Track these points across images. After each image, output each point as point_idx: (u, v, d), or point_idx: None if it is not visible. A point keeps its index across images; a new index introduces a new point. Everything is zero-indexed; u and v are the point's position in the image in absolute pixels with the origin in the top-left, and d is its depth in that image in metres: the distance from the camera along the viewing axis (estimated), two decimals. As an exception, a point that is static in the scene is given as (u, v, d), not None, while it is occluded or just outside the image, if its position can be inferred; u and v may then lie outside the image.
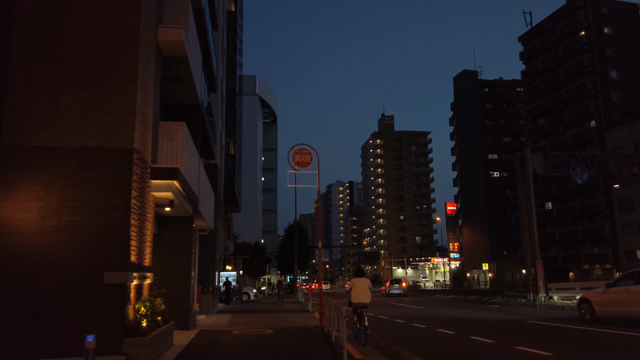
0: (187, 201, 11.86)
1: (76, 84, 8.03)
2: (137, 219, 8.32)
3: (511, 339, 11.06)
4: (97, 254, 7.60)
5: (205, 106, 16.50)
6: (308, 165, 12.85)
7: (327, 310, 12.46)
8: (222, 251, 30.79)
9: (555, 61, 63.12)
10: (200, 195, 13.77)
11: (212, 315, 18.75)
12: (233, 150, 34.14)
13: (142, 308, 7.97)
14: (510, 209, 72.95)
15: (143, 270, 8.77)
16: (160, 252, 12.81)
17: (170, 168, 9.40)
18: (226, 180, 32.58)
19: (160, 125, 10.40)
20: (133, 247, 8.01)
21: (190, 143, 11.41)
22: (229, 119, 33.87)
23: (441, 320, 16.19)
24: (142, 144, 8.67)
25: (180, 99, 13.04)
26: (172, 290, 12.67)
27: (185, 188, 10.39)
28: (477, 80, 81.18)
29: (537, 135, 66.35)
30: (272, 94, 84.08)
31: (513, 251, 72.93)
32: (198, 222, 16.33)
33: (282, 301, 28.52)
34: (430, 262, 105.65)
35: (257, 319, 17.15)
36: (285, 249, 63.79)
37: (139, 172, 8.36)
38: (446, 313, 19.37)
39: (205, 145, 16.94)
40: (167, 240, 12.91)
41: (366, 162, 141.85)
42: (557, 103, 62.32)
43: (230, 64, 34.71)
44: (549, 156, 23.52)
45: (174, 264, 12.84)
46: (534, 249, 21.91)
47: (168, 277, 12.71)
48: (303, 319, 16.74)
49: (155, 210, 12.01)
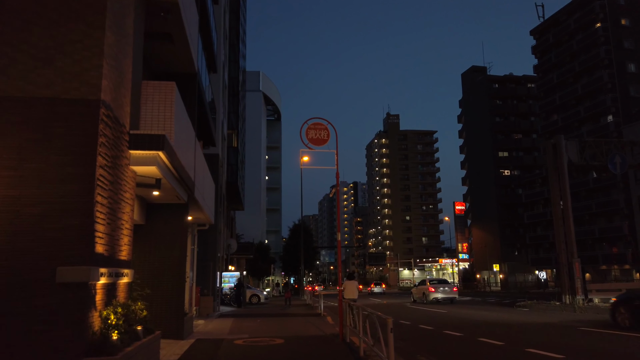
0: (179, 184, 9.80)
1: (19, 10, 5.98)
2: (108, 197, 6.25)
3: (581, 354, 8.93)
4: (48, 242, 5.53)
5: (205, 85, 14.46)
6: (324, 142, 10.78)
7: (348, 316, 10.37)
8: (225, 250, 28.72)
9: (569, 54, 60.87)
10: (197, 181, 11.72)
11: (212, 320, 16.68)
12: (236, 144, 32.11)
13: (111, 315, 5.89)
14: (522, 208, 70.67)
15: (116, 265, 6.69)
16: (149, 246, 10.75)
17: (154, 135, 7.33)
18: (229, 175, 30.57)
19: (144, 85, 8.35)
20: (100, 234, 5.95)
21: (182, 110, 9.34)
22: (231, 110, 31.87)
23: (474, 325, 14.06)
24: (115, 99, 6.60)
25: (172, 64, 10.99)
26: (162, 292, 10.62)
27: (175, 165, 8.33)
28: (486, 76, 78.93)
29: (551, 132, 63.94)
30: (276, 91, 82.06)
31: (525, 252, 70.64)
32: (196, 215, 14.27)
33: (289, 304, 26.42)
34: (437, 263, 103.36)
35: (262, 324, 15.07)
36: (290, 249, 61.72)
37: (109, 135, 6.30)
38: (476, 316, 17.24)
39: (204, 127, 14.89)
40: (157, 232, 10.84)
41: (371, 162, 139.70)
42: (572, 98, 60.06)
43: (232, 52, 32.72)
44: (585, 144, 21.37)
45: (165, 261, 10.77)
46: (570, 247, 19.78)
47: (158, 277, 10.65)
48: (315, 325, 14.65)
49: (141, 195, 9.94)
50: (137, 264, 10.54)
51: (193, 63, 11.11)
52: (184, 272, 11.03)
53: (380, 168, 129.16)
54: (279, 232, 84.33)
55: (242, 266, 40.80)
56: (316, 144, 10.73)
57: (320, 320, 16.36)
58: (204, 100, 13.08)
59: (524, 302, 22.74)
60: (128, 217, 7.36)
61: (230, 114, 31.53)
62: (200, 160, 12.85)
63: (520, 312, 19.15)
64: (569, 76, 60.75)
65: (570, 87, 60.58)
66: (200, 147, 14.24)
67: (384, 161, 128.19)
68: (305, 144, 10.67)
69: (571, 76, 60.41)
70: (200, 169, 12.59)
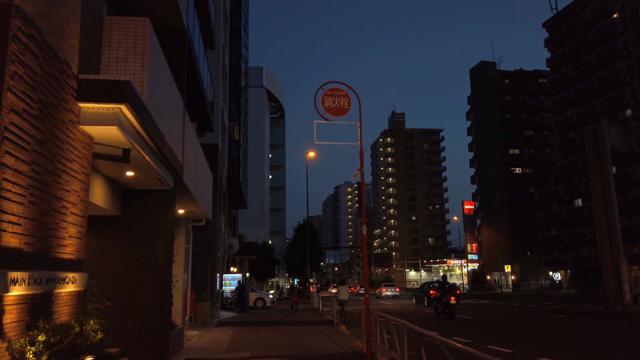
0: (161, 162, 7.61)
1: None
2: (32, 163, 4.07)
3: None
4: None
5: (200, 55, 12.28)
6: (344, 112, 8.58)
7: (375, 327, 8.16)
8: (226, 250, 26.55)
9: (584, 47, 58.48)
10: (187, 164, 9.55)
11: (209, 330, 14.48)
12: (238, 136, 29.94)
13: (28, 348, 3.69)
14: (534, 207, 68.25)
15: (51, 268, 4.51)
16: (124, 243, 8.57)
17: (114, 81, 5.15)
18: (230, 170, 28.41)
19: (107, 22, 6.15)
20: (14, 218, 3.76)
21: (160, 61, 7.15)
22: (232, 100, 29.72)
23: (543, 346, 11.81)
24: (50, 19, 4.42)
25: (155, 16, 8.79)
26: (141, 301, 8.43)
27: (150, 131, 6.15)
28: (496, 72, 76.53)
29: (565, 127, 61.74)
30: (280, 87, 79.92)
31: (537, 252, 68.18)
32: (189, 207, 12.10)
33: (295, 308, 24.19)
34: (445, 264, 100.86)
35: (268, 336, 12.86)
36: (295, 249, 59.55)
37: (35, 68, 4.11)
38: (533, 333, 14.99)
39: (197, 104, 12.69)
40: (135, 226, 8.67)
41: (376, 162, 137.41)
42: (588, 92, 57.66)
43: (233, 39, 30.58)
44: (629, 129, 19.07)
45: (145, 262, 8.59)
46: (616, 244, 17.48)
47: (136, 282, 8.46)
48: (329, 336, 12.44)
49: (113, 177, 7.76)
50: (107, 266, 8.38)
51: (180, 15, 8.92)
52: (169, 274, 8.83)
53: (385, 167, 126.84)
54: (282, 232, 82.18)
55: (244, 268, 38.61)
56: (335, 114, 8.53)
57: (333, 330, 14.16)
58: (195, 67, 10.90)
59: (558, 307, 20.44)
60: (77, 198, 5.17)
61: (231, 105, 29.40)
62: (192, 140, 10.68)
63: (569, 322, 16.90)
64: (584, 69, 58.37)
65: (585, 81, 58.20)
66: (193, 129, 12.07)
67: (389, 160, 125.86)
68: (320, 115, 8.47)
69: (587, 69, 58.02)
70: (191, 150, 10.42)
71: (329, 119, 8.51)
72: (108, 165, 6.95)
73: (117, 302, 8.29)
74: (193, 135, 10.80)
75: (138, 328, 8.33)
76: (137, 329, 8.33)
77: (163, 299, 8.61)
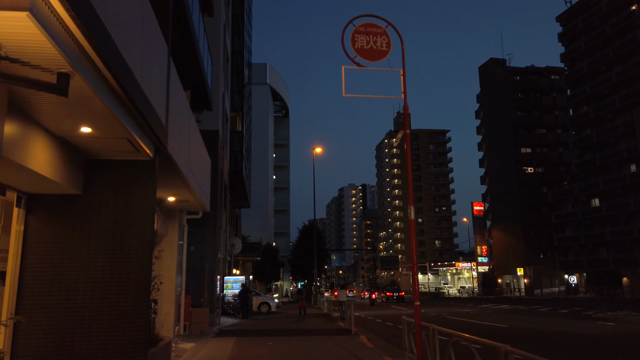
0: (129, 113, 5.41)
1: None
2: None
3: None
4: None
5: (195, 13, 10.12)
6: (383, 56, 6.40)
7: (430, 347, 5.94)
8: (227, 250, 24.34)
9: (601, 40, 56.17)
10: (174, 129, 7.39)
11: (206, 341, 12.26)
12: (241, 128, 27.79)
13: None
14: (547, 208, 65.84)
15: None
16: (86, 231, 6.39)
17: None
18: (232, 164, 26.27)
19: None
20: None
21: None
22: (235, 89, 27.58)
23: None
24: None
25: None
26: (108, 309, 6.24)
27: (101, 45, 3.95)
28: (506, 68, 74.28)
29: (580, 124, 59.39)
30: (284, 85, 77.79)
31: (551, 254, 65.75)
32: (180, 194, 9.94)
33: (303, 314, 21.93)
34: (453, 267, 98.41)
35: (277, 350, 10.64)
36: (300, 251, 57.27)
37: None
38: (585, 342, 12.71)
39: (190, 65, 10.50)
40: (101, 209, 6.49)
41: (381, 163, 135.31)
42: (605, 87, 55.31)
43: (235, 24, 28.50)
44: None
45: (114, 257, 6.40)
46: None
47: (101, 283, 6.28)
48: (351, 351, 10.23)
49: (61, 135, 5.58)
50: (63, 262, 6.20)
51: None
52: (148, 274, 6.62)
53: (390, 169, 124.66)
54: (286, 234, 79.87)
55: (247, 270, 36.40)
56: (369, 57, 6.36)
57: (353, 342, 11.93)
58: (187, 10, 8.70)
59: (602, 314, 18.12)
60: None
61: (233, 94, 27.26)
62: (181, 103, 8.50)
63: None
64: (601, 64, 56.05)
65: (602, 76, 55.86)
66: (185, 95, 9.90)
67: (394, 161, 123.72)
68: (350, 58, 6.28)
69: (604, 63, 55.71)
70: (180, 115, 8.24)
71: (362, 64, 6.33)
72: (49, 111, 4.77)
73: (75, 311, 6.11)
74: (182, 98, 8.61)
75: (103, 346, 6.14)
76: (103, 346, 6.14)
77: (138, 306, 6.40)
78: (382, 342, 12.11)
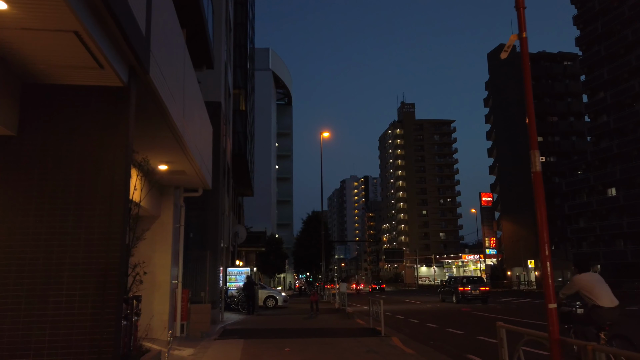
0: None
1: None
2: None
3: None
4: None
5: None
6: None
7: None
8: (231, 239, 22.13)
9: (619, 23, 53.69)
10: (160, 49, 5.14)
11: (208, 344, 10.06)
12: (244, 107, 25.50)
13: None
14: (559, 198, 63.55)
15: None
16: (24, 192, 4.15)
17: None
18: (235, 146, 24.05)
19: None
20: None
21: None
22: (237, 64, 25.28)
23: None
24: None
25: None
26: (55, 307, 4.00)
27: None
28: (516, 54, 71.69)
29: (597, 111, 57.04)
30: (287, 71, 75.32)
31: (563, 246, 63.53)
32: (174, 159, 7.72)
33: (316, 310, 19.72)
34: (459, 260, 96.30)
35: (297, 359, 8.44)
36: (304, 243, 55.12)
37: None
38: None
39: None
40: (47, 160, 4.24)
41: (385, 154, 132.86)
42: (624, 71, 52.89)
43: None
44: None
45: (67, 232, 4.15)
46: None
47: (45, 270, 4.04)
48: (385, 357, 8.03)
49: None
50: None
51: None
52: (120, 259, 4.38)
53: (394, 160, 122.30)
54: (290, 226, 77.74)
55: (251, 261, 34.27)
56: None
57: (386, 347, 9.73)
58: None
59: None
60: None
61: (236, 69, 24.96)
62: (171, 20, 6.25)
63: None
64: (619, 47, 53.64)
65: (621, 60, 53.45)
66: (177, 19, 7.60)
67: (398, 152, 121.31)
68: None
69: (622, 47, 53.30)
70: (167, 33, 5.99)
71: None
72: None
73: (11, 310, 3.90)
74: (173, 15, 6.34)
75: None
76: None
77: (105, 306, 4.17)
78: (421, 346, 9.95)
